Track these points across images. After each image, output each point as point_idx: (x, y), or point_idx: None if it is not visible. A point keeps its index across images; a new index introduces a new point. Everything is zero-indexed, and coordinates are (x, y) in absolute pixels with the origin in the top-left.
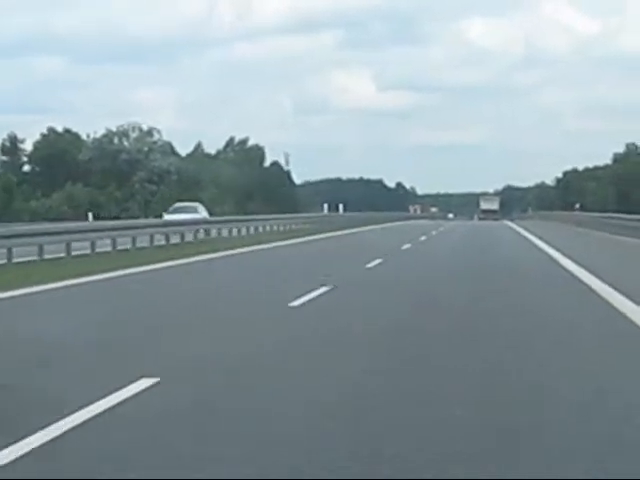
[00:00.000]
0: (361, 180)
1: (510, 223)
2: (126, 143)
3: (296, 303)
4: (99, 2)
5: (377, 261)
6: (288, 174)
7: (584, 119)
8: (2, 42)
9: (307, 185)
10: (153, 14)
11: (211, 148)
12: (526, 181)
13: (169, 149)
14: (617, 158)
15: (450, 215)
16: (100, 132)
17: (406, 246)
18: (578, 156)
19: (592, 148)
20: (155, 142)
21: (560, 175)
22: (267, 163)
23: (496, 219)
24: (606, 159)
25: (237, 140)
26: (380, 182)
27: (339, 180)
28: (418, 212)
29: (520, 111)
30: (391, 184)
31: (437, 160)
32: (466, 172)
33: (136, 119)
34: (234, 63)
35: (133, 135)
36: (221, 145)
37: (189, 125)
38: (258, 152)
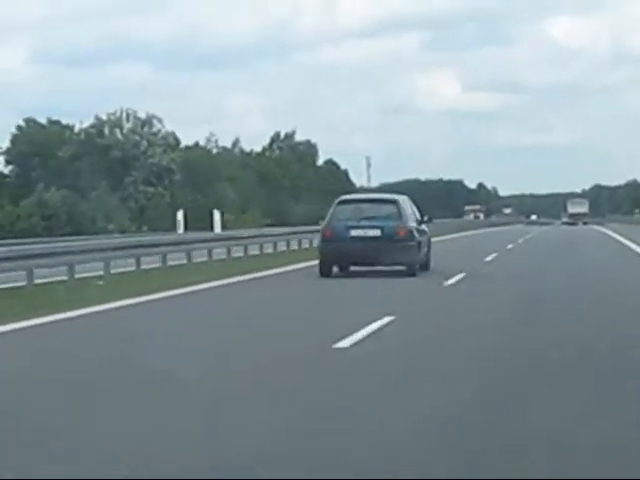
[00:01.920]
0: (440, 181)
1: (608, 231)
2: (120, 136)
3: None
4: (184, 6)
5: None
6: (346, 174)
7: None
8: (86, 49)
9: (384, 187)
10: (234, 19)
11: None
12: (615, 180)
13: (173, 142)
14: None
15: (533, 217)
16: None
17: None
18: None
19: None
20: (155, 134)
21: None
22: (320, 162)
23: (585, 223)
24: None
25: (283, 135)
26: (460, 183)
27: (417, 181)
28: (471, 216)
29: (607, 111)
30: (472, 185)
31: (521, 161)
32: (551, 172)
33: (223, 126)
34: (318, 67)
35: (127, 125)
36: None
37: (272, 130)
38: (310, 149)
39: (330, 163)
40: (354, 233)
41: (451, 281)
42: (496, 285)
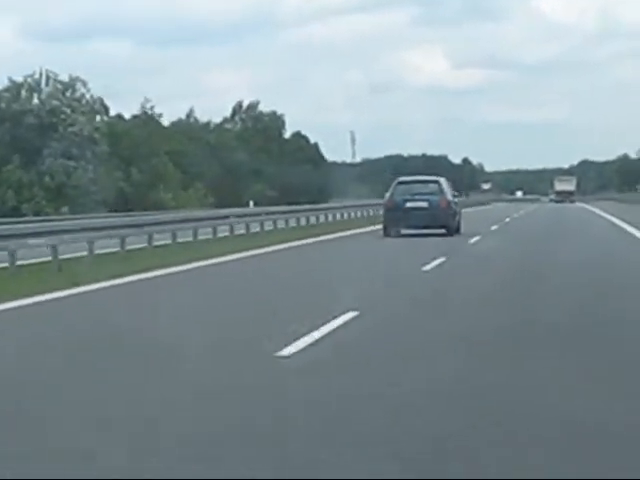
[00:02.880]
0: (424, 156)
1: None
2: (36, 100)
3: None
4: None
5: None
6: (316, 147)
7: None
8: (68, 25)
9: (366, 162)
10: None
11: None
12: (604, 155)
13: (101, 109)
14: None
15: (519, 193)
16: None
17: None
18: None
19: None
20: (78, 99)
21: None
22: (287, 134)
23: (572, 201)
24: None
25: (246, 106)
26: (444, 158)
27: (399, 157)
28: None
29: (596, 85)
30: (457, 160)
31: (508, 137)
32: (539, 148)
33: (206, 102)
34: (305, 44)
35: (47, 89)
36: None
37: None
38: (276, 121)
39: (298, 136)
40: (409, 205)
41: (474, 239)
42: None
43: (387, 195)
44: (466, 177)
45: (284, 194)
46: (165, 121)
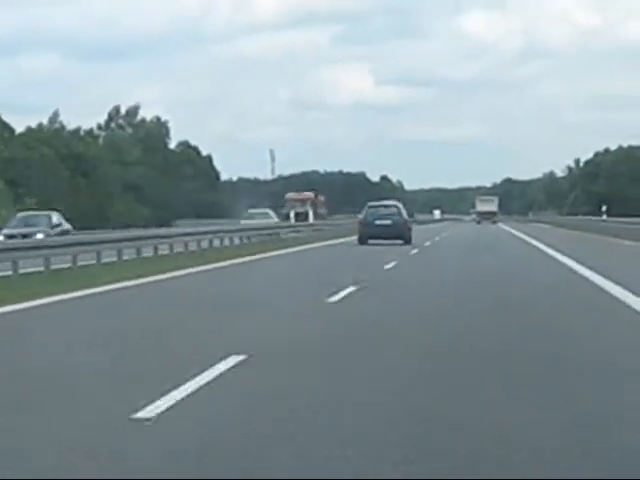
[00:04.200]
0: (340, 173)
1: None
2: None
3: None
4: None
5: None
6: (210, 161)
7: (585, 111)
8: None
9: (280, 179)
10: (149, 10)
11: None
12: (528, 174)
13: None
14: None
15: (436, 213)
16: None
17: None
18: (582, 148)
19: (593, 139)
20: None
21: (571, 164)
22: (173, 145)
23: (494, 222)
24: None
25: (124, 111)
26: (362, 175)
27: (316, 173)
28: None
29: (518, 104)
30: (375, 178)
31: (429, 155)
32: (461, 166)
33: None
34: (231, 59)
35: None
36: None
37: (182, 121)
38: (159, 129)
39: (186, 146)
40: (377, 222)
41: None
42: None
43: (361, 215)
44: (385, 195)
45: (163, 212)
46: (20, 127)
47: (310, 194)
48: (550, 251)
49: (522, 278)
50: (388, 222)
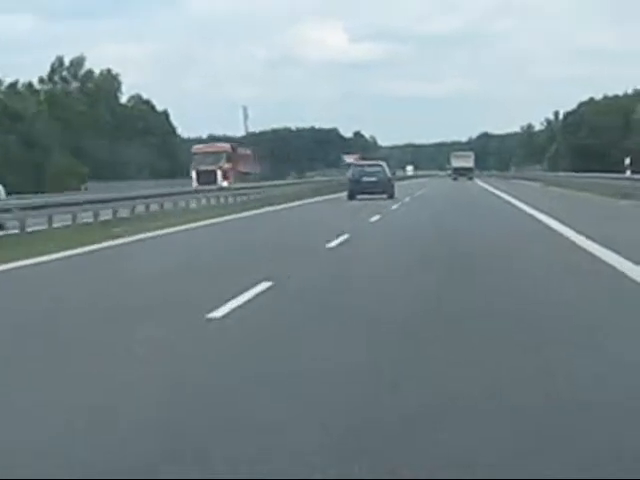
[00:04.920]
0: (312, 129)
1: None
2: None
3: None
4: None
5: None
6: (166, 116)
7: (561, 65)
8: None
9: (249, 136)
10: None
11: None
12: (503, 128)
13: None
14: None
15: (409, 168)
16: None
17: None
18: (559, 102)
19: (571, 94)
20: None
21: (550, 116)
22: (124, 99)
23: (470, 178)
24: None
25: (68, 62)
26: (335, 131)
27: (287, 129)
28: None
29: (494, 59)
30: (348, 134)
31: (404, 110)
32: (436, 121)
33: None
34: (205, 17)
35: None
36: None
37: (157, 80)
38: (110, 82)
39: (139, 100)
40: (364, 179)
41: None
42: None
43: (349, 173)
44: (359, 151)
45: (109, 172)
46: None
47: (225, 145)
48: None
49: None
50: (374, 179)
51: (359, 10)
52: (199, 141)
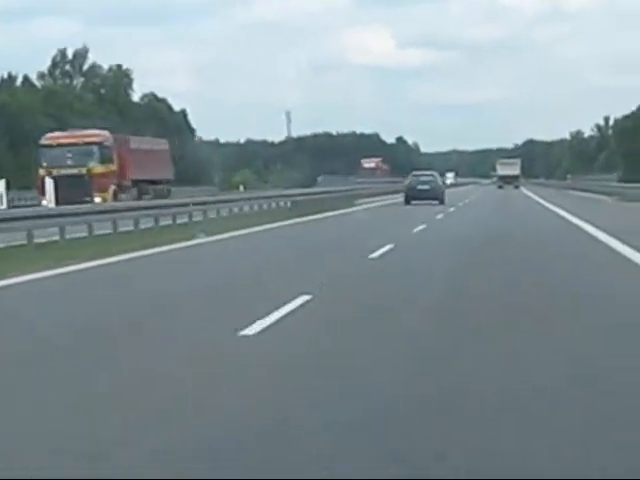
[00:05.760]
0: (353, 134)
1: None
2: None
3: None
4: None
5: None
6: (184, 115)
7: (609, 73)
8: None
9: (289, 140)
10: None
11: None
12: (549, 135)
13: None
14: None
15: (449, 176)
16: None
17: None
18: (606, 109)
19: (619, 101)
20: None
21: (601, 122)
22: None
23: (517, 186)
24: None
25: (72, 55)
26: (376, 136)
27: (328, 135)
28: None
29: (539, 66)
30: (390, 139)
31: (447, 117)
32: (481, 129)
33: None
34: (253, 24)
35: None
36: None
37: (204, 88)
38: (121, 78)
39: (153, 98)
40: (419, 187)
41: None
42: None
43: (407, 181)
44: (401, 157)
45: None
46: None
47: (99, 133)
48: None
49: None
50: (427, 187)
51: (408, 17)
52: (235, 146)
